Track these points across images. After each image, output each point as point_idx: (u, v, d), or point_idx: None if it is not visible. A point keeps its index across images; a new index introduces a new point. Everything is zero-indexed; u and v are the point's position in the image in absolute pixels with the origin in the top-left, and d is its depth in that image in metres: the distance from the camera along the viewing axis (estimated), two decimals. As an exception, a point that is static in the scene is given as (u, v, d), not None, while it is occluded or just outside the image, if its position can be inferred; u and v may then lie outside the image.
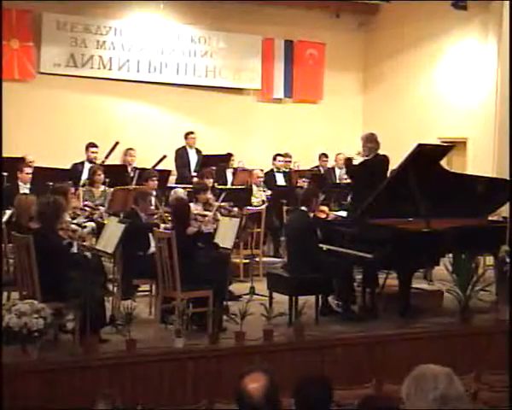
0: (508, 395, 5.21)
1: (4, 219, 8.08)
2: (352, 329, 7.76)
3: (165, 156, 12.11)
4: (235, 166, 12.83)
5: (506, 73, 12.39)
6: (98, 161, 11.42)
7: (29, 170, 10.15)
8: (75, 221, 8.62)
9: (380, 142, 9.08)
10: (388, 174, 8.99)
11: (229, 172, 12.54)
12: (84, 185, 10.56)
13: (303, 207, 8.30)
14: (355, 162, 9.17)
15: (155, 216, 9.17)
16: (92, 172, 10.57)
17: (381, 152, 9.18)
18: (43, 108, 12.84)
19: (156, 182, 10.46)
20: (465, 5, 12.61)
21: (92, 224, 8.84)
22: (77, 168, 11.27)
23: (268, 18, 14.31)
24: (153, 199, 9.77)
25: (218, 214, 9.63)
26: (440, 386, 3.13)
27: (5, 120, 11.86)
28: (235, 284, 9.06)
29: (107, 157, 11.87)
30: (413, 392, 3.16)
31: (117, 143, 12.08)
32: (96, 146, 11.62)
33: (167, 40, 13.83)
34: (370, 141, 9.05)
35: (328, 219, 10.01)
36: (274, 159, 12.94)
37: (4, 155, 10.79)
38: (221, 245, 8.18)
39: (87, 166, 11.20)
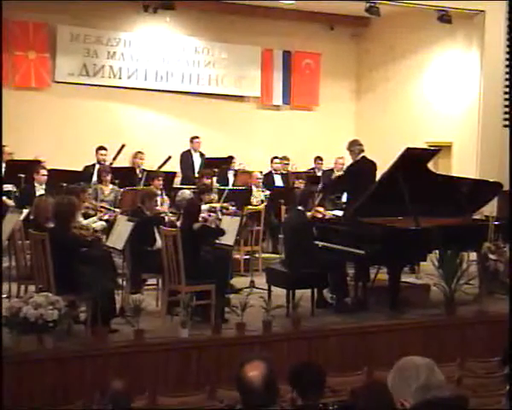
0: (491, 380, 5.22)
1: (21, 217, 8.15)
2: (345, 320, 7.78)
3: (170, 157, 12.12)
4: (236, 168, 12.82)
5: (488, 82, 12.42)
6: (107, 163, 11.42)
7: (44, 171, 10.15)
8: (85, 222, 8.60)
9: (362, 144, 9.39)
10: (377, 177, 9.01)
11: (230, 174, 12.53)
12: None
13: (300, 207, 8.29)
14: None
15: (161, 215, 9.15)
16: (100, 173, 10.59)
17: (370, 156, 9.34)
18: (57, 114, 12.83)
19: (161, 181, 10.46)
20: (450, 19, 12.62)
21: (103, 223, 8.81)
22: (88, 170, 11.27)
23: (267, 30, 14.29)
24: (158, 199, 9.76)
25: (220, 214, 9.62)
26: (422, 376, 3.16)
27: (23, 125, 12.02)
28: (236, 279, 9.07)
29: (114, 159, 11.85)
30: (397, 382, 3.20)
31: (123, 146, 12.08)
32: (105, 149, 11.60)
33: (173, 51, 13.81)
34: (354, 145, 9.43)
35: (325, 218, 10.00)
36: (272, 161, 12.94)
37: (21, 157, 10.88)
38: (223, 242, 8.18)
39: (97, 168, 11.19)
